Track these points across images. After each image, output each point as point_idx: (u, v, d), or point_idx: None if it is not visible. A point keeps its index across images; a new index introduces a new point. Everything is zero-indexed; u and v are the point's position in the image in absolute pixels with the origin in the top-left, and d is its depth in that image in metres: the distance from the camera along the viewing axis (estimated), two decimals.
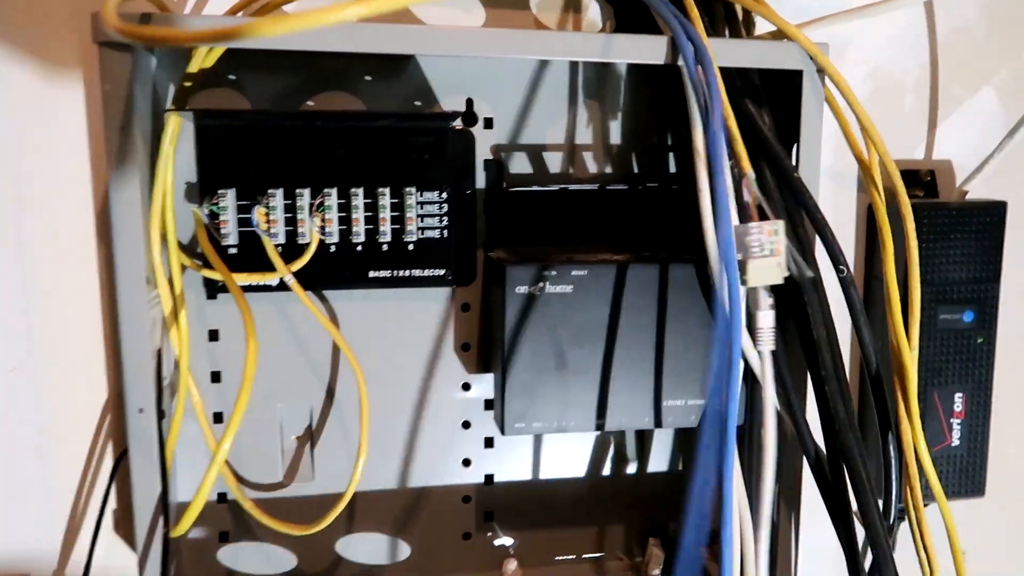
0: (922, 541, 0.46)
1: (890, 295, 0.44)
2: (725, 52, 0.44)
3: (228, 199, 0.46)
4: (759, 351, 0.42)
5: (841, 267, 0.43)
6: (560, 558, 0.56)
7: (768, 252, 0.40)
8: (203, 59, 0.43)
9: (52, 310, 0.48)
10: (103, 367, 0.48)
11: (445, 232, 0.49)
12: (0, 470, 0.48)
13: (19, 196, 0.46)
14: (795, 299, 0.45)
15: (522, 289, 0.46)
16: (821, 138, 0.45)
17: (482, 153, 0.51)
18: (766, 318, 0.42)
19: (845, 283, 0.43)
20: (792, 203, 0.45)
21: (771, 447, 0.41)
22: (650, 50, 0.43)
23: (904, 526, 0.49)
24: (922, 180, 0.56)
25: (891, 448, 0.45)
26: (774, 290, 0.44)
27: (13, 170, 0.46)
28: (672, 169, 0.53)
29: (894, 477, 0.45)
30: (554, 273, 0.46)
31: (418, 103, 0.50)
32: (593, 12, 0.52)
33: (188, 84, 0.44)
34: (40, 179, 0.46)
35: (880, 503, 0.44)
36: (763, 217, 0.41)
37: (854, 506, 0.44)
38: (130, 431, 0.41)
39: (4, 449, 0.48)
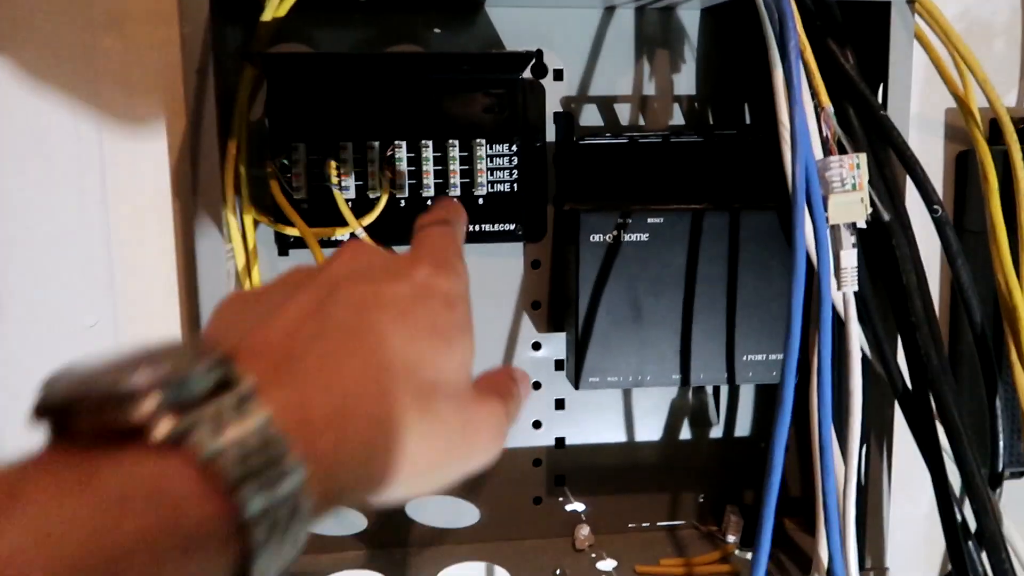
0: None
1: (996, 232, 0.42)
2: None
3: (299, 153, 0.46)
4: (843, 292, 0.40)
5: (935, 207, 0.41)
6: (633, 525, 0.54)
7: (850, 187, 0.38)
8: (276, 8, 0.43)
9: (132, 267, 0.48)
10: (178, 323, 0.49)
11: (515, 186, 0.48)
12: None
13: (101, 157, 0.47)
14: (883, 242, 0.43)
15: (597, 237, 0.45)
16: (911, 74, 0.43)
17: (552, 105, 0.50)
18: (849, 257, 0.40)
19: (940, 223, 0.41)
20: (879, 143, 0.43)
21: (857, 393, 0.39)
22: None
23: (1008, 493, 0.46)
24: (1016, 127, 0.53)
25: (997, 399, 0.43)
26: (861, 234, 0.42)
27: (94, 129, 0.47)
28: (748, 120, 0.52)
29: (1001, 430, 0.43)
30: (629, 221, 0.45)
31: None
32: None
33: (262, 32, 0.44)
34: (119, 139, 0.47)
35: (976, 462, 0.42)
36: (843, 152, 0.39)
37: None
38: None
39: None
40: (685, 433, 0.54)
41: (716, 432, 0.54)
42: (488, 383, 0.27)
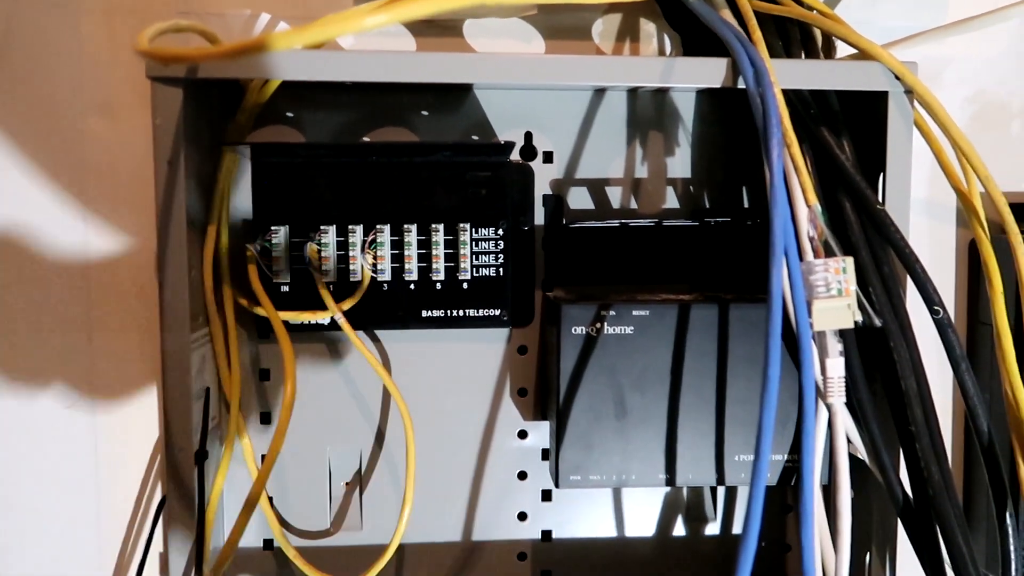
0: None
1: (1001, 338, 0.39)
2: (796, 74, 0.41)
3: (280, 235, 0.45)
4: (829, 404, 0.38)
5: (936, 308, 0.38)
6: None
7: (836, 292, 0.36)
8: (257, 93, 0.43)
9: (111, 348, 0.48)
10: (155, 407, 0.48)
11: (501, 270, 0.47)
12: (55, 508, 0.48)
13: (85, 239, 0.47)
14: (881, 346, 0.40)
15: (579, 330, 0.43)
16: (910, 165, 0.41)
17: (541, 188, 0.49)
18: (835, 366, 0.37)
19: (941, 325, 0.38)
20: (877, 239, 0.41)
21: (846, 513, 0.36)
22: (710, 73, 0.41)
23: None
24: None
25: (1008, 519, 0.39)
26: (858, 333, 0.40)
27: (79, 213, 0.47)
28: (746, 203, 0.50)
29: (1013, 554, 0.39)
30: (613, 313, 0.43)
31: (475, 137, 0.48)
32: (656, 42, 0.49)
33: (243, 119, 0.44)
34: (103, 222, 0.47)
35: None
36: (831, 255, 0.37)
37: None
38: (168, 471, 0.40)
39: (59, 486, 0.48)
40: (680, 529, 0.51)
41: (713, 528, 0.51)
42: None
